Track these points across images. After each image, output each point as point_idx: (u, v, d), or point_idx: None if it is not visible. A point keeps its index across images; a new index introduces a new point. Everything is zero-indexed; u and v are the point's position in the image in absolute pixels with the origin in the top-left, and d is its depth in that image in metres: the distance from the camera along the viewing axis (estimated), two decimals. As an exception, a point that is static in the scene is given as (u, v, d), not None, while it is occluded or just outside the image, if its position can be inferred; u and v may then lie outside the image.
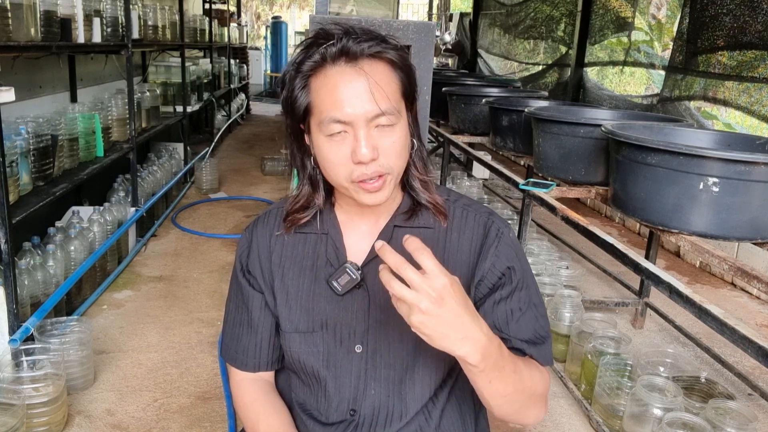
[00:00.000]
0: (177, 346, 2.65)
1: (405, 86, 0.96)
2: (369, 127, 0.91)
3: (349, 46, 0.90)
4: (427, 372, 1.02)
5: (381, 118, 0.90)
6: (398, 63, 0.94)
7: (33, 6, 2.41)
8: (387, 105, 0.90)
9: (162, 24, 4.57)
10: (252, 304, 1.07)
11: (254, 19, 16.66)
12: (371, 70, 0.91)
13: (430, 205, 1.02)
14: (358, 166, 0.91)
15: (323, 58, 0.91)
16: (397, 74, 0.94)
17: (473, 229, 1.03)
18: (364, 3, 2.51)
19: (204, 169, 5.16)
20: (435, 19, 9.34)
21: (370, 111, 0.90)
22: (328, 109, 0.90)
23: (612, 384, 2.18)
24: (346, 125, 0.90)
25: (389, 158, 0.92)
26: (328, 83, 0.91)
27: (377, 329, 1.01)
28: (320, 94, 0.92)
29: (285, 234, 1.05)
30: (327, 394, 1.03)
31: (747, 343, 1.40)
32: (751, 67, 3.02)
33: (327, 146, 0.92)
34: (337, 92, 0.90)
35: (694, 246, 1.87)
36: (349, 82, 0.90)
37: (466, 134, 3.96)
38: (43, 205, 2.43)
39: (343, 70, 0.91)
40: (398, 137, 0.93)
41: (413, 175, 1.02)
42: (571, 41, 4.95)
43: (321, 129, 0.92)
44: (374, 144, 0.91)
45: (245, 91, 10.01)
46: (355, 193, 0.94)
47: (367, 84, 0.90)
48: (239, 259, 1.09)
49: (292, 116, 0.96)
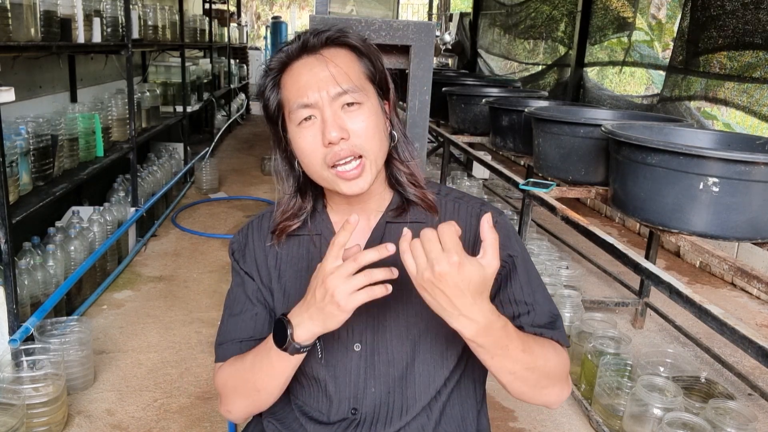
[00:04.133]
0: (177, 346, 2.65)
1: (370, 71, 0.98)
2: (334, 107, 0.93)
3: (308, 38, 0.96)
4: (428, 369, 1.02)
5: (344, 96, 0.93)
6: (361, 49, 0.98)
7: (33, 6, 2.41)
8: (348, 84, 0.94)
9: (162, 24, 4.57)
10: (247, 286, 1.07)
11: (254, 19, 16.66)
12: (331, 55, 0.95)
13: (419, 200, 1.03)
14: (330, 148, 0.93)
15: (288, 55, 0.97)
16: (361, 60, 0.98)
17: (466, 221, 1.03)
18: (363, 3, 2.51)
19: (204, 169, 5.16)
20: (435, 19, 9.34)
21: (332, 90, 0.93)
22: (294, 97, 0.95)
23: (612, 384, 2.18)
24: (312, 109, 0.94)
25: (360, 138, 0.94)
26: (293, 75, 0.96)
27: (375, 327, 1.01)
28: (287, 87, 0.96)
29: (277, 244, 1.06)
30: (327, 394, 1.03)
31: (747, 343, 1.40)
32: (751, 68, 3.02)
33: (299, 135, 0.96)
34: (300, 80, 0.95)
35: (694, 246, 1.87)
36: (311, 68, 0.95)
37: (466, 134, 3.96)
38: (43, 205, 2.43)
39: (306, 61, 0.96)
40: (367, 117, 0.95)
41: (398, 169, 1.03)
42: (571, 41, 4.95)
43: (292, 119, 0.96)
44: (342, 124, 0.93)
45: (245, 91, 10.01)
46: (335, 184, 0.96)
47: (326, 67, 0.94)
48: (234, 259, 1.09)
49: (269, 118, 1.00)
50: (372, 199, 1.03)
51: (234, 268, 1.10)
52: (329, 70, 0.93)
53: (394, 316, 1.01)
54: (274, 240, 1.05)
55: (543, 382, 0.97)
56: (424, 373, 1.02)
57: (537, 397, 1.00)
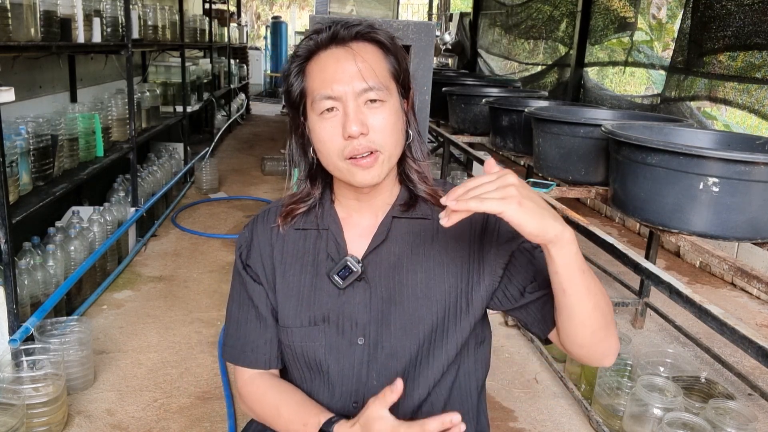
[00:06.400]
0: (177, 346, 2.65)
1: (395, 69, 0.99)
2: (358, 102, 0.94)
3: (339, 30, 0.96)
4: (431, 364, 1.02)
5: (369, 92, 0.94)
6: (388, 47, 0.98)
7: (33, 6, 2.41)
8: (375, 81, 0.94)
9: (162, 24, 4.57)
10: (258, 299, 1.07)
11: (254, 19, 16.66)
12: (360, 50, 0.96)
13: (428, 196, 1.04)
14: (348, 141, 0.94)
15: (316, 45, 0.97)
16: (387, 58, 0.98)
17: (472, 215, 1.04)
18: (363, 3, 2.51)
19: (204, 169, 5.16)
20: (435, 19, 9.35)
21: (357, 86, 0.94)
22: (319, 88, 0.95)
23: (612, 384, 2.18)
24: (335, 101, 0.94)
25: (378, 134, 0.95)
26: (319, 65, 0.96)
27: (379, 321, 1.01)
28: (313, 76, 0.97)
29: (282, 226, 1.06)
30: (330, 387, 1.03)
31: (747, 343, 1.40)
32: (751, 68, 3.02)
33: (320, 125, 0.96)
34: (327, 71, 0.95)
35: (694, 246, 1.87)
36: (338, 60, 0.95)
37: (466, 134, 3.96)
38: (43, 205, 2.43)
39: (334, 52, 0.96)
40: (388, 115, 0.96)
41: (410, 167, 1.05)
42: (571, 41, 4.94)
43: (314, 108, 0.96)
44: (363, 119, 0.94)
45: (245, 91, 10.01)
46: (349, 173, 0.96)
47: (354, 61, 0.94)
48: (239, 256, 1.10)
49: (290, 104, 1.01)
50: (380, 195, 1.04)
51: (239, 272, 1.10)
52: (357, 65, 0.94)
53: (400, 311, 1.01)
54: (280, 222, 1.06)
55: (610, 321, 0.95)
56: (427, 367, 1.02)
57: (607, 339, 0.96)
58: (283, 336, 1.05)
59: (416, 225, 1.05)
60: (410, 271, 1.03)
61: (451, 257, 1.03)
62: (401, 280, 1.02)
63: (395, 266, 1.03)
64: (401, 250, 1.03)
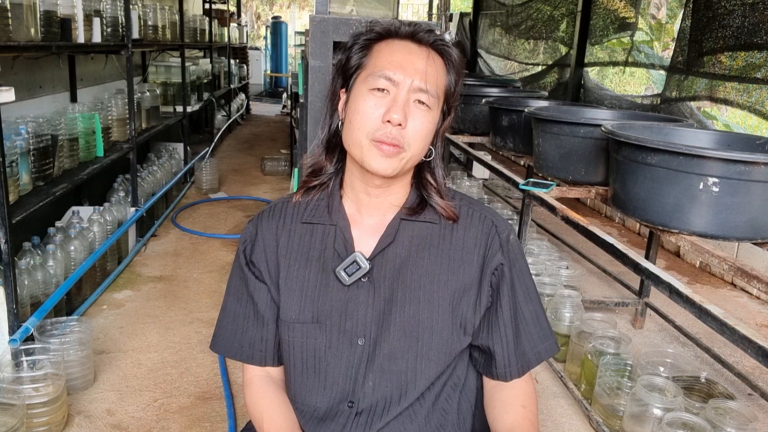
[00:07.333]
0: (177, 346, 2.65)
1: (450, 89, 1.03)
2: (411, 96, 0.97)
3: (419, 30, 1.01)
4: (428, 366, 1.02)
5: (422, 94, 0.98)
6: (454, 65, 1.03)
7: (33, 6, 2.41)
8: (432, 87, 0.98)
9: (162, 24, 4.57)
10: (258, 296, 1.08)
11: (254, 19, 16.66)
12: (430, 57, 1.00)
13: (441, 210, 1.06)
14: (384, 126, 0.96)
15: (395, 29, 1.02)
16: (449, 75, 1.02)
17: (478, 227, 1.07)
18: (364, 3, 2.50)
19: (204, 169, 5.16)
20: (435, 19, 9.34)
21: (417, 83, 0.97)
22: (383, 66, 0.98)
23: (612, 384, 2.18)
24: (392, 84, 0.97)
25: (411, 134, 0.97)
26: (391, 48, 1.00)
27: (380, 322, 1.02)
28: (379, 55, 1.00)
29: (299, 195, 1.09)
30: (325, 386, 1.03)
31: (747, 343, 1.40)
32: (751, 68, 3.02)
33: (365, 98, 0.98)
34: (396, 55, 0.99)
35: (694, 246, 1.87)
36: (411, 53, 0.99)
37: (466, 134, 3.96)
38: (43, 205, 2.43)
39: (409, 45, 1.01)
40: (427, 121, 0.99)
41: (427, 181, 1.07)
42: (571, 41, 4.95)
43: (366, 82, 0.99)
44: (408, 113, 0.97)
45: (245, 91, 10.01)
46: (369, 153, 0.98)
47: (425, 61, 0.99)
48: (243, 251, 1.10)
49: (343, 71, 1.04)
50: (389, 195, 1.05)
51: (240, 267, 1.10)
52: (426, 66, 0.98)
53: (401, 313, 1.02)
54: (297, 197, 1.09)
55: None
56: (424, 370, 1.02)
57: None
58: (283, 331, 1.06)
59: (423, 228, 1.06)
60: (413, 273, 1.03)
61: (457, 262, 1.04)
62: (404, 282, 1.03)
63: (400, 268, 1.03)
64: (406, 253, 1.04)
